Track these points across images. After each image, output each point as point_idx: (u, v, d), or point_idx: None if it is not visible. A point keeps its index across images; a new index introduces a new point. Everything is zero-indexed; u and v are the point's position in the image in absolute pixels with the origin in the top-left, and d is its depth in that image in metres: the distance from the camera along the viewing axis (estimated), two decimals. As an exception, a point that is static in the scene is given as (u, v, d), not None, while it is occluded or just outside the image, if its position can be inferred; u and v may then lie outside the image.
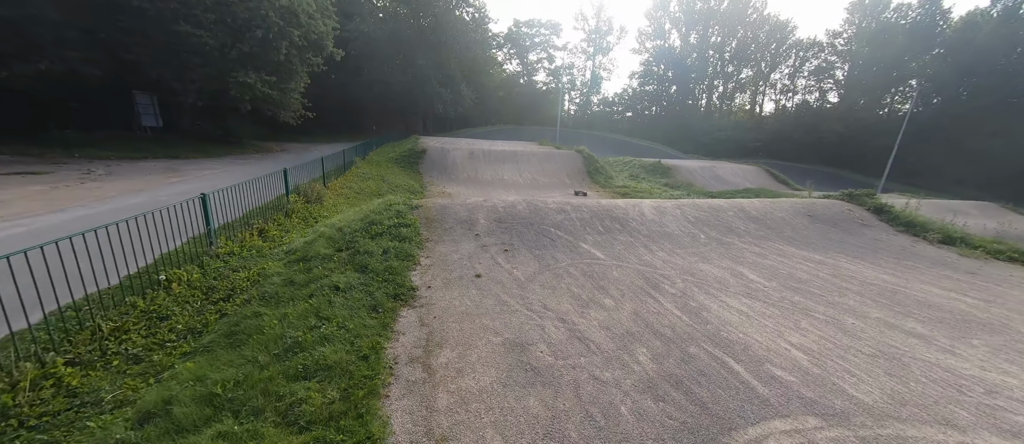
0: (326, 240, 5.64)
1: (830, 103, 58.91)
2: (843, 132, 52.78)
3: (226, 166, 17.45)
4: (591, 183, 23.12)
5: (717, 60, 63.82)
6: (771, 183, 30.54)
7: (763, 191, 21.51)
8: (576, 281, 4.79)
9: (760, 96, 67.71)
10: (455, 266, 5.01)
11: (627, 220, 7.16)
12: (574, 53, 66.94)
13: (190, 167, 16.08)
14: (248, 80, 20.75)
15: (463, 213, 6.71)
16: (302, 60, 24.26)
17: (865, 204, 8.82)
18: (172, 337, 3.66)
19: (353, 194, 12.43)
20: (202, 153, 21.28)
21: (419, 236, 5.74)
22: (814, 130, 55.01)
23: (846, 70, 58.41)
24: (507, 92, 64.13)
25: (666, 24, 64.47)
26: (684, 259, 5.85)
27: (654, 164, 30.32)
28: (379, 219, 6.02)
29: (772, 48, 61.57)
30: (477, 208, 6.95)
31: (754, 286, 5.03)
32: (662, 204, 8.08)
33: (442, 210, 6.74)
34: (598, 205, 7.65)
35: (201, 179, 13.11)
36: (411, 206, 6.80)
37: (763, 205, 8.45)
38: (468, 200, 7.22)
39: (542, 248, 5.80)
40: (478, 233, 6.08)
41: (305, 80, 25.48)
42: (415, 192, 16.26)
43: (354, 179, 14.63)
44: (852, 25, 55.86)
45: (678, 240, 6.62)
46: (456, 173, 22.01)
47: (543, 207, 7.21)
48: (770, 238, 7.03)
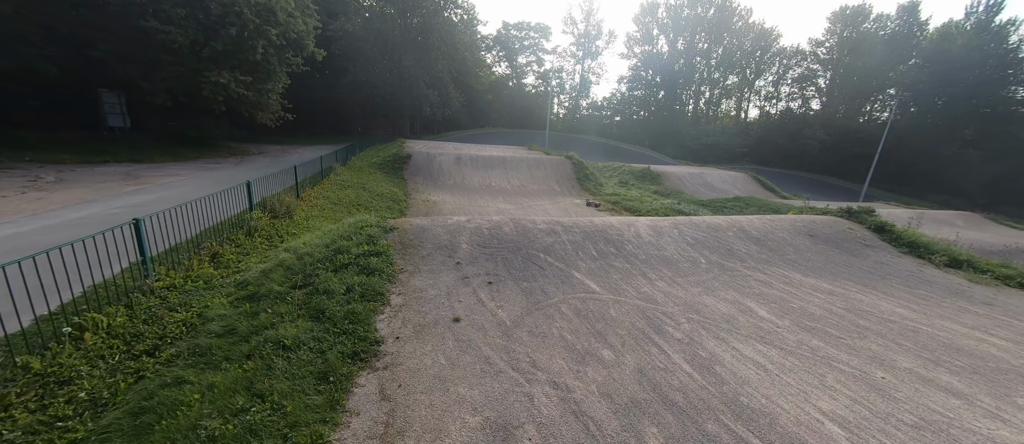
0: (283, 271, 4.92)
1: (813, 110, 60.13)
2: (825, 139, 53.83)
3: (195, 171, 16.39)
4: (581, 190, 22.68)
5: (704, 66, 64.53)
6: (759, 190, 30.65)
7: (753, 199, 21.42)
8: (569, 323, 4.20)
9: (745, 102, 68.80)
10: (431, 306, 4.35)
11: (623, 243, 6.61)
12: (563, 57, 66.84)
13: (154, 173, 14.99)
14: (222, 80, 19.67)
15: (444, 236, 6.05)
16: (281, 60, 23.23)
17: (865, 222, 8.49)
18: (68, 412, 2.92)
19: (329, 205, 11.63)
20: (172, 156, 20.07)
21: (391, 267, 5.07)
22: (798, 137, 55.97)
23: (828, 78, 59.70)
24: (496, 95, 63.59)
25: (654, 30, 64.93)
26: (686, 290, 5.31)
27: (643, 170, 30.10)
28: (346, 246, 5.33)
29: (757, 56, 62.56)
30: (459, 230, 6.30)
31: (766, 326, 4.52)
32: (658, 223, 7.56)
33: (420, 233, 6.07)
34: (591, 225, 7.08)
35: (163, 187, 12.12)
36: (385, 228, 6.11)
37: (763, 224, 8.02)
38: (450, 220, 6.56)
39: (531, 279, 5.19)
40: (459, 261, 5.44)
41: (284, 81, 24.42)
42: (398, 201, 15.50)
43: (332, 188, 13.80)
44: (834, 34, 57.11)
45: (678, 266, 6.09)
46: (442, 179, 21.29)
47: (532, 228, 6.60)
48: (773, 262, 6.56)
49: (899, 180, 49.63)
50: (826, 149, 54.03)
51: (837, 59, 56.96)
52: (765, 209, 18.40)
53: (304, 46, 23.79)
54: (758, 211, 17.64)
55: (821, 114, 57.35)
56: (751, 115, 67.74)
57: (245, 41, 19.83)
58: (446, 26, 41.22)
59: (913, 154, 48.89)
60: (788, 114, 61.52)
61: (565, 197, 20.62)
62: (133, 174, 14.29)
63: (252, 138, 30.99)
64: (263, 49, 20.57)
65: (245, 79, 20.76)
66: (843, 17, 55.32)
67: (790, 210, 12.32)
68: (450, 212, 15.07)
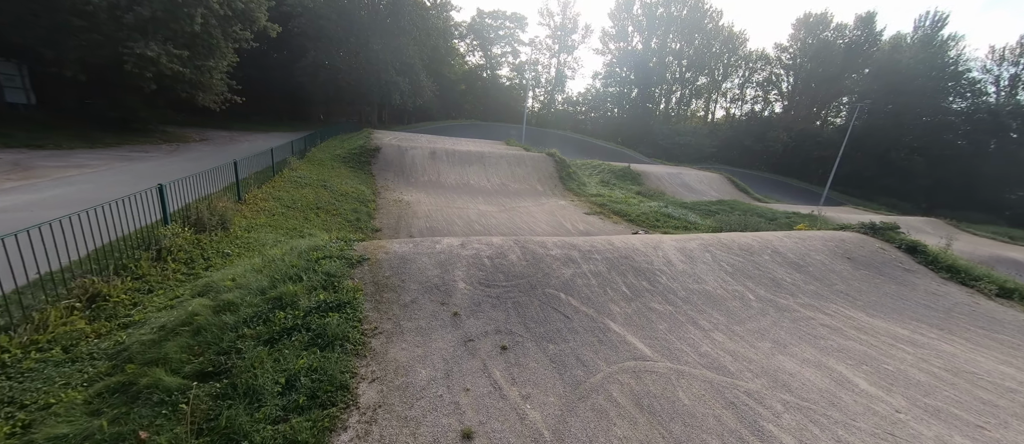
0: (189, 337, 3.21)
1: (776, 113, 62.55)
2: (788, 141, 56.09)
3: (112, 161, 13.58)
4: (564, 189, 21.51)
5: (676, 66, 65.34)
6: (734, 192, 30.94)
7: (736, 203, 21.19)
8: (634, 427, 2.84)
9: (713, 103, 70.67)
10: (423, 405, 2.82)
11: (654, 273, 5.33)
12: (539, 49, 65.39)
13: (54, 162, 12.14)
14: (149, 53, 16.57)
15: (433, 271, 4.48)
16: (226, 33, 20.15)
17: (894, 241, 7.76)
18: None
19: (281, 210, 9.62)
20: (86, 142, 16.83)
21: (359, 328, 3.47)
22: (763, 138, 58.02)
23: (791, 82, 62.25)
24: (469, 85, 61.26)
25: (629, 26, 64.83)
26: (753, 346, 4.11)
27: (623, 169, 29.46)
28: (292, 295, 3.66)
29: (725, 58, 64.11)
30: (453, 261, 4.75)
31: (880, 409, 3.39)
32: (685, 244, 6.36)
33: (401, 266, 4.47)
34: (611, 249, 5.75)
35: (59, 183, 9.57)
36: (350, 260, 4.44)
37: (794, 244, 7.04)
38: (439, 245, 4.99)
39: (558, 338, 3.78)
40: (457, 311, 3.92)
41: (231, 58, 21.31)
42: (365, 201, 13.57)
43: (285, 186, 11.68)
44: (797, 41, 59.41)
45: (727, 307, 4.89)
46: (415, 176, 19.36)
47: (543, 255, 5.17)
48: (826, 296, 5.54)
49: (852, 183, 52.55)
50: (788, 151, 56.35)
51: (799, 64, 59.34)
52: (751, 214, 18.05)
53: (254, 19, 20.80)
54: (743, 215, 17.20)
55: (784, 117, 59.70)
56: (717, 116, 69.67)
57: (179, 8, 16.81)
58: (417, 10, 38.52)
59: (865, 158, 51.83)
60: (754, 116, 63.70)
61: (549, 198, 19.34)
62: (23, 163, 11.43)
63: (194, 122, 27.27)
64: (202, 18, 17.58)
65: (180, 53, 17.69)
66: (806, 24, 57.56)
67: (799, 225, 11.74)
68: (426, 214, 13.34)
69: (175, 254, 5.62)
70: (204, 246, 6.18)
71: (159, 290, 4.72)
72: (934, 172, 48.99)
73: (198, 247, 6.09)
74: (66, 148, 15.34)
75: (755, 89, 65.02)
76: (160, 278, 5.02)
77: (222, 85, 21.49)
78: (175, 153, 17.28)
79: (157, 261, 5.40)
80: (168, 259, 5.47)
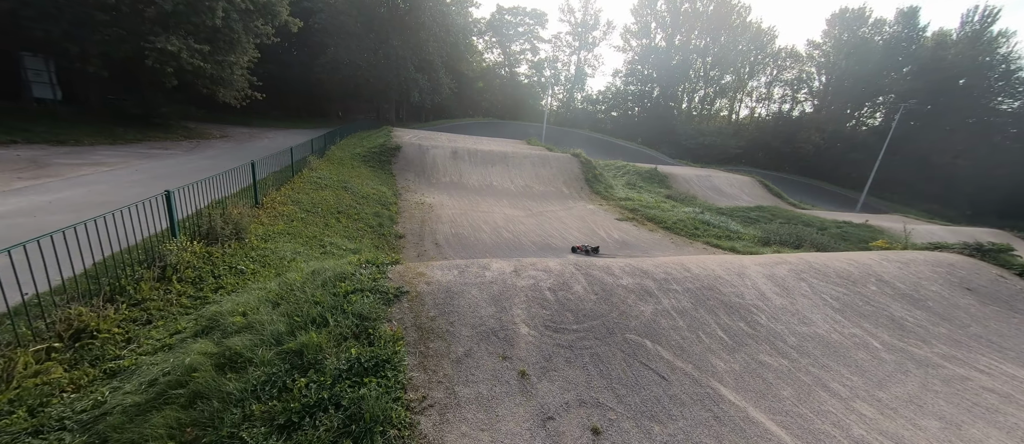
0: (179, 411, 2.41)
1: (806, 113, 59.75)
2: (820, 143, 53.48)
3: (131, 158, 13.20)
4: (591, 192, 20.45)
5: (700, 64, 63.13)
6: (768, 196, 29.26)
7: (777, 210, 19.71)
8: None
9: (738, 103, 68.10)
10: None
11: (748, 310, 4.33)
12: (559, 46, 64.07)
13: (73, 159, 11.77)
14: (170, 47, 16.22)
15: (486, 307, 3.59)
16: (248, 28, 19.77)
17: (1009, 265, 6.54)
18: None
19: (300, 215, 8.90)
20: (107, 138, 16.60)
21: (403, 396, 2.61)
22: (792, 140, 55.52)
23: (823, 82, 59.38)
24: (487, 83, 60.41)
25: (652, 23, 62.95)
26: (918, 428, 3.09)
27: (650, 171, 28.17)
28: (315, 346, 2.81)
29: (752, 56, 61.59)
30: (508, 293, 3.85)
31: None
32: (773, 270, 5.33)
33: (447, 302, 3.59)
34: (689, 276, 4.77)
35: (73, 182, 9.07)
36: (386, 295, 3.58)
37: (898, 271, 5.91)
38: (489, 271, 4.09)
39: (661, 413, 2.84)
40: (524, 369, 3.02)
41: (252, 53, 20.96)
42: (387, 204, 12.84)
43: (305, 188, 11.01)
44: (831, 37, 56.57)
45: (853, 359, 3.85)
46: (437, 176, 18.60)
47: (613, 286, 4.22)
48: (964, 342, 4.43)
49: (888, 188, 49.73)
50: (820, 153, 53.75)
51: (833, 62, 56.50)
52: (796, 222, 16.65)
53: (276, 13, 20.37)
54: (789, 224, 15.83)
55: (815, 117, 56.96)
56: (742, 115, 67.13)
57: (201, 1, 16.39)
58: (437, 5, 37.83)
59: (903, 162, 48.95)
60: (782, 116, 61.10)
61: (576, 201, 18.33)
62: (41, 160, 11.04)
63: (215, 118, 27.18)
64: (224, 12, 17.16)
65: (201, 48, 17.33)
66: (842, 20, 54.74)
67: (877, 241, 10.48)
68: (450, 219, 12.53)
69: (182, 272, 4.88)
70: (215, 260, 5.45)
71: (159, 320, 3.96)
72: (979, 177, 45.89)
73: (209, 262, 5.35)
74: (87, 144, 15.09)
75: (783, 88, 62.33)
76: (162, 303, 4.27)
77: (243, 81, 21.17)
78: (195, 150, 16.92)
79: (161, 281, 4.67)
80: (173, 278, 4.73)
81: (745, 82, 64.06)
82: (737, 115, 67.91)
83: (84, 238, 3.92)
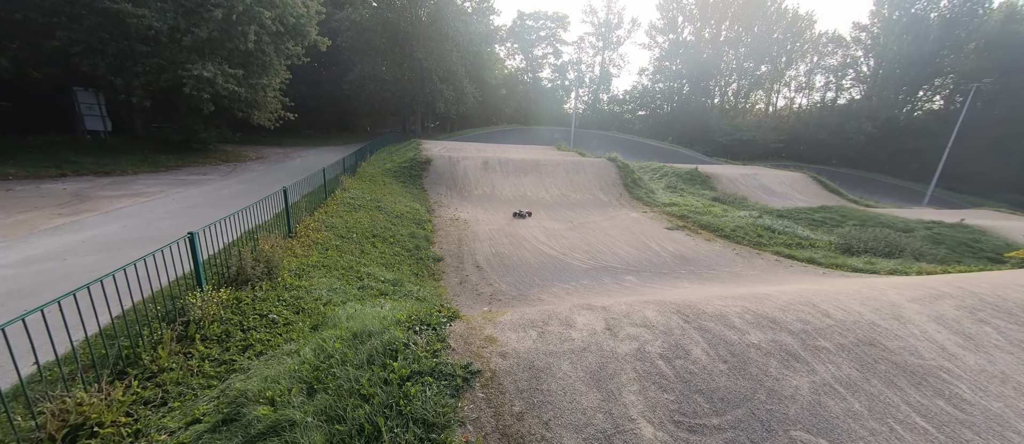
0: None
1: (854, 100, 55.37)
2: (872, 132, 49.24)
3: (170, 186, 13.21)
4: (631, 198, 19.13)
5: (732, 56, 60.05)
6: (825, 194, 26.72)
7: (845, 210, 17.66)
8: None
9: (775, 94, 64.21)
10: None
11: (939, 378, 3.13)
12: (582, 48, 62.80)
13: (115, 191, 11.82)
14: (207, 73, 16.41)
15: (587, 394, 2.62)
16: (278, 50, 19.95)
17: None
18: None
19: (335, 242, 8.29)
20: (150, 165, 16.97)
21: None
22: (840, 130, 51.44)
23: (871, 66, 54.94)
24: (510, 90, 59.92)
25: (679, 17, 60.62)
26: None
27: (690, 172, 26.39)
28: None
29: (789, 44, 57.96)
30: (610, 367, 2.86)
31: None
32: (937, 308, 4.07)
33: (533, 383, 2.65)
34: (834, 326, 3.61)
35: (111, 217, 8.88)
36: (452, 379, 2.67)
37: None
38: (577, 328, 3.14)
39: None
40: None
41: (283, 75, 21.16)
42: (421, 222, 12.15)
43: (339, 210, 10.48)
44: (879, 17, 52.31)
45: None
46: (468, 189, 17.89)
47: (740, 345, 3.16)
48: None
49: (957, 178, 44.92)
50: (873, 143, 49.51)
51: (883, 44, 52.17)
52: (876, 225, 14.69)
53: (305, 33, 20.47)
54: (866, 227, 13.93)
55: (865, 105, 52.62)
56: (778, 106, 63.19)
57: (234, 26, 16.55)
58: (459, 15, 37.64)
59: (973, 148, 44.19)
60: (828, 106, 57.02)
61: (617, 209, 17.10)
62: (84, 193, 11.10)
63: (250, 140, 27.88)
64: (256, 35, 17.28)
65: (235, 72, 17.51)
66: (891, -2, 50.48)
67: (1017, 251, 8.78)
68: (488, 237, 11.67)
69: (206, 327, 4.20)
70: (245, 307, 4.78)
71: (176, 400, 3.23)
72: (1068, 162, 40.70)
73: (237, 311, 4.68)
74: (131, 173, 15.40)
75: (826, 75, 58.21)
76: (181, 374, 3.57)
77: (276, 103, 21.40)
78: (231, 174, 17.02)
79: (182, 341, 3.99)
80: (196, 337, 4.05)
81: (782, 72, 60.37)
82: (774, 107, 64.06)
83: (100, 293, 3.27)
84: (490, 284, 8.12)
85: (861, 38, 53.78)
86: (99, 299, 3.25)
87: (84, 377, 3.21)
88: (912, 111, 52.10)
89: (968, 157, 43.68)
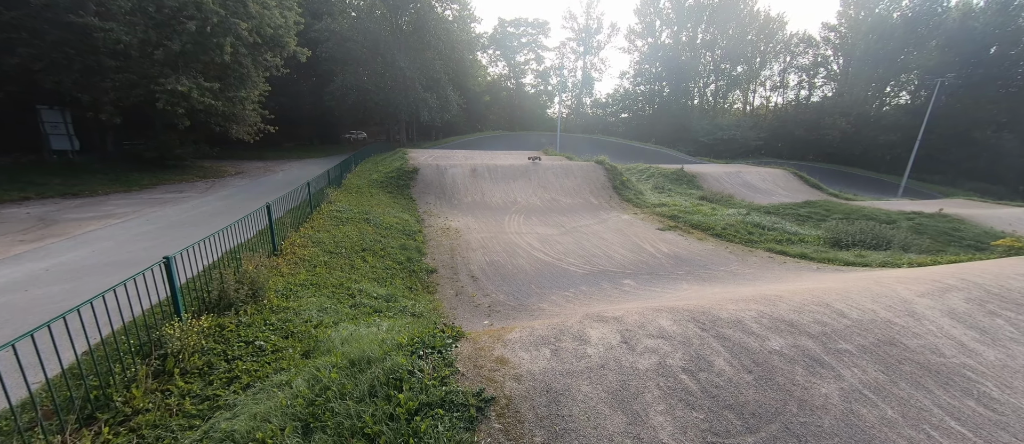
0: None
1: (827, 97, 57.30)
2: (846, 128, 51.00)
3: (143, 206, 12.57)
4: (621, 201, 19.16)
5: (709, 57, 61.56)
6: (807, 189, 27.39)
7: (831, 204, 18.06)
8: None
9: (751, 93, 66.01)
10: None
11: (964, 377, 3.05)
12: (564, 53, 63.47)
13: (83, 213, 11.15)
14: (181, 87, 15.78)
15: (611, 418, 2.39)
16: (256, 62, 19.40)
17: None
18: None
19: (324, 257, 7.93)
20: (123, 184, 16.18)
21: None
22: (816, 126, 53.16)
23: (841, 64, 57.03)
24: (494, 96, 60.04)
25: (657, 21, 61.94)
26: None
27: (677, 172, 26.72)
28: None
29: (762, 45, 59.79)
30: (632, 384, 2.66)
31: None
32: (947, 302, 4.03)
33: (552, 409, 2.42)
34: (852, 326, 3.52)
35: (78, 242, 8.31)
36: (466, 410, 2.41)
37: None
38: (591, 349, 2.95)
39: None
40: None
41: (262, 86, 20.58)
42: (412, 233, 11.84)
43: (326, 224, 10.09)
44: (846, 18, 54.46)
45: None
46: (458, 197, 17.63)
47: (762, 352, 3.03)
48: None
49: (928, 169, 46.73)
50: (847, 138, 51.25)
51: (851, 44, 54.25)
52: (860, 217, 15.03)
53: (284, 44, 19.98)
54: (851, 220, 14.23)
55: (838, 101, 54.50)
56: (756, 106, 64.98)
57: (208, 38, 16.00)
58: (441, 23, 37.54)
59: (942, 140, 46.14)
60: (803, 104, 58.89)
61: (608, 212, 17.08)
62: (50, 217, 10.42)
63: (229, 154, 26.99)
64: (232, 47, 16.74)
65: (211, 85, 16.91)
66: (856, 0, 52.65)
67: (1002, 239, 8.99)
68: (481, 245, 11.43)
69: (186, 360, 3.85)
70: (228, 335, 4.44)
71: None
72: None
73: (220, 339, 4.34)
74: (101, 193, 14.64)
75: (799, 74, 60.13)
76: (158, 415, 3.23)
77: (255, 116, 20.79)
78: (210, 191, 16.36)
79: (159, 377, 3.64)
80: (175, 371, 3.71)
81: (758, 72, 62.13)
82: (752, 106, 65.81)
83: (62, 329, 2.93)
84: (487, 294, 7.88)
85: (830, 38, 55.84)
86: (62, 335, 2.91)
87: (45, 426, 2.86)
88: (881, 106, 54.15)
89: (937, 148, 45.60)
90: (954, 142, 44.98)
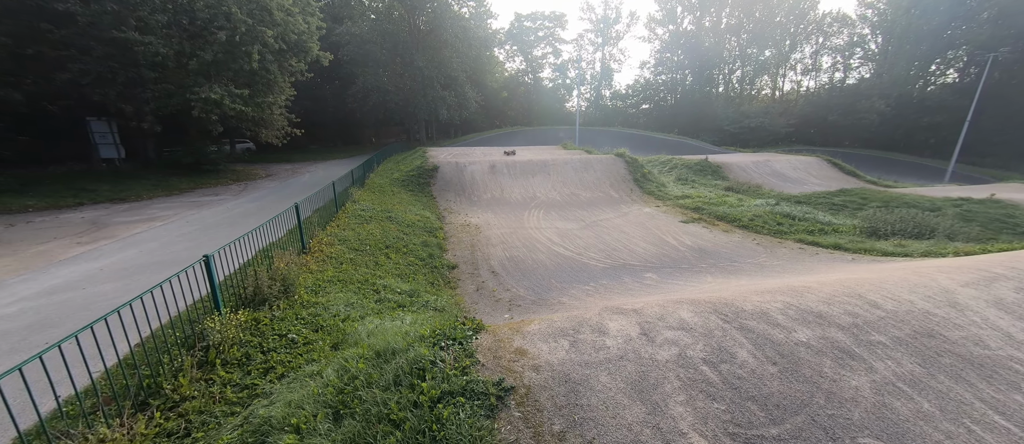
0: None
1: (864, 79, 54.05)
2: (885, 110, 47.96)
3: (184, 209, 13.34)
4: (642, 193, 18.82)
5: (734, 42, 59.16)
6: (842, 177, 26.05)
7: (867, 192, 17.12)
8: None
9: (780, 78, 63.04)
10: None
11: (1011, 370, 2.88)
12: (581, 45, 62.54)
13: (130, 216, 11.96)
14: (213, 95, 16.60)
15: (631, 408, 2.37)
16: (282, 67, 20.13)
17: None
18: None
19: (349, 255, 8.22)
20: (164, 189, 17.19)
21: None
22: (851, 111, 50.23)
23: (880, 43, 53.62)
24: (511, 92, 59.86)
25: (678, 8, 59.99)
26: None
27: (700, 162, 25.95)
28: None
29: (792, 27, 56.88)
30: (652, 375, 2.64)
31: None
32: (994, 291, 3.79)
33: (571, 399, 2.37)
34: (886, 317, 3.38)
35: (127, 243, 8.95)
36: (485, 398, 2.47)
37: None
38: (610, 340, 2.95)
39: None
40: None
41: (288, 91, 21.35)
42: (433, 230, 12.05)
43: (350, 223, 10.43)
44: (886, -8, 51.04)
45: None
46: (477, 193, 17.79)
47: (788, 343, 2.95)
48: None
49: (977, 152, 43.44)
50: (886, 122, 48.21)
51: (891, 20, 50.90)
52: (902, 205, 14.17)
53: (307, 49, 20.63)
54: (890, 208, 13.44)
55: (875, 83, 51.32)
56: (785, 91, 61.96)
57: (237, 47, 16.73)
58: (457, 21, 37.72)
59: (995, 121, 42.76)
60: (837, 87, 55.78)
61: (629, 205, 16.83)
62: (101, 221, 11.25)
63: (259, 158, 28.22)
64: (259, 55, 17.44)
65: (241, 92, 17.70)
66: (897, -28, 49.21)
67: None
68: (501, 241, 11.52)
69: (226, 352, 4.10)
70: (263, 328, 4.69)
71: (199, 430, 3.13)
72: (1098, 128, 39.14)
73: (256, 332, 4.60)
74: (145, 198, 15.63)
75: (833, 56, 56.94)
76: (203, 402, 3.46)
77: (282, 120, 21.60)
78: (243, 192, 17.17)
79: (203, 367, 3.90)
80: (217, 362, 3.96)
81: (787, 55, 59.23)
82: (781, 92, 62.88)
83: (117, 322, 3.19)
84: (507, 289, 7.95)
85: (867, 15, 52.59)
86: (117, 328, 3.17)
87: (106, 410, 3.12)
88: (925, 86, 50.66)
89: (989, 129, 42.29)
90: (1008, 122, 41.62)
